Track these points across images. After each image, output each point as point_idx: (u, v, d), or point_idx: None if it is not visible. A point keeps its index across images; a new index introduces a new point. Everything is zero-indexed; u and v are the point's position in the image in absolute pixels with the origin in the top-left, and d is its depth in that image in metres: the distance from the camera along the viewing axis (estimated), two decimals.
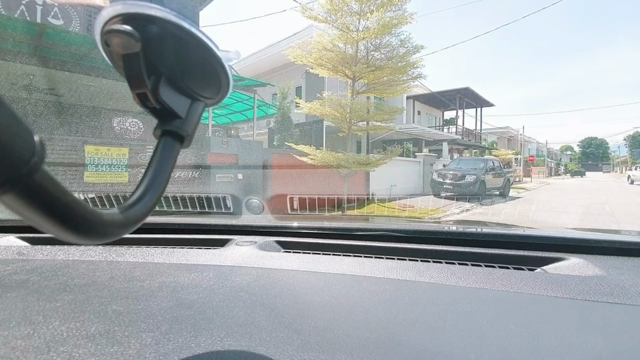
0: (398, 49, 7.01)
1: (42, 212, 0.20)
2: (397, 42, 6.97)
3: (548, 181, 26.59)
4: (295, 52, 7.09)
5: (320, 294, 0.55)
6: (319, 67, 7.24)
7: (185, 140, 0.31)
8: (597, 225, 6.34)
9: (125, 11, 0.26)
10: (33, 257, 0.74)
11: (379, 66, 7.00)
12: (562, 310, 0.50)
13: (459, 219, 7.12)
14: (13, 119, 0.17)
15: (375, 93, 7.73)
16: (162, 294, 0.53)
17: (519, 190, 14.75)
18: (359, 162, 7.00)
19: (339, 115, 7.18)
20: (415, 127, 15.55)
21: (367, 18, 6.79)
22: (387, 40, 7.00)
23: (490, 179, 11.27)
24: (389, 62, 7.03)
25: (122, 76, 0.28)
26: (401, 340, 0.40)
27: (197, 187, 5.64)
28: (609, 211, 8.44)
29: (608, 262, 0.73)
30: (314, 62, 7.09)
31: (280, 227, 1.03)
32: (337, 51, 7.01)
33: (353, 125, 7.42)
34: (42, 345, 0.37)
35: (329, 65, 7.25)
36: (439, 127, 21.44)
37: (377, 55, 7.19)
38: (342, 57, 7.03)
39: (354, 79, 7.25)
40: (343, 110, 7.12)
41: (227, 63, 0.31)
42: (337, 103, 6.96)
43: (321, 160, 6.91)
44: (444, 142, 18.45)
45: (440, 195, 10.75)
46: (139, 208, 0.26)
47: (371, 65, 7.00)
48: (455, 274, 0.66)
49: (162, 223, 1.03)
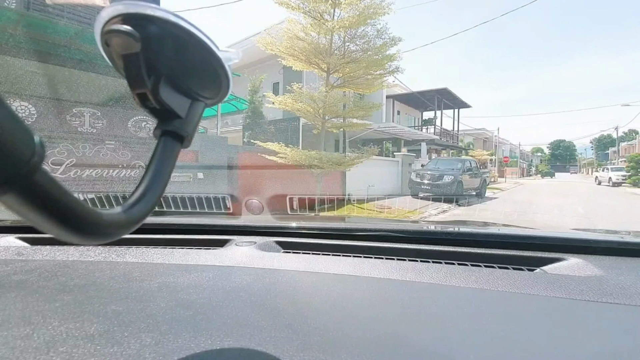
0: (375, 40, 6.58)
1: (42, 212, 0.20)
2: (374, 33, 6.55)
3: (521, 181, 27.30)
4: (265, 40, 6.53)
5: (320, 294, 0.56)
6: (292, 57, 6.71)
7: (185, 140, 0.30)
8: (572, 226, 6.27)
9: (125, 11, 0.25)
10: (32, 258, 0.73)
11: (354, 58, 6.55)
12: (561, 311, 0.51)
13: (438, 220, 6.84)
14: (13, 119, 0.17)
15: (351, 88, 7.29)
16: (161, 294, 0.52)
17: (494, 191, 14.88)
18: (333, 162, 6.54)
19: (311, 111, 6.68)
20: (394, 127, 15.39)
21: (342, 7, 6.33)
22: (362, 31, 6.56)
23: (467, 180, 11.30)
24: (365, 55, 6.59)
25: (122, 76, 0.27)
26: (401, 340, 0.41)
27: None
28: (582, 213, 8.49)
29: (607, 262, 0.73)
30: (285, 51, 6.55)
31: (279, 228, 1.02)
32: (310, 41, 6.50)
33: (327, 121, 6.94)
34: (42, 346, 0.37)
35: (302, 57, 6.74)
36: (418, 127, 21.53)
37: (353, 47, 6.74)
38: (315, 47, 6.53)
39: (329, 72, 6.77)
40: (316, 105, 6.63)
41: (227, 63, 0.31)
42: (309, 97, 6.45)
43: (292, 159, 6.40)
44: (422, 142, 18.52)
45: (418, 195, 10.68)
46: (139, 208, 0.26)
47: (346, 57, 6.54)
48: (454, 274, 0.66)
49: (162, 223, 1.02)
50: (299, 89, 6.50)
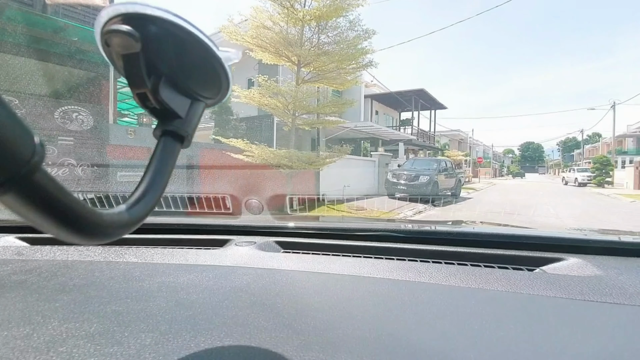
0: (347, 32, 6.21)
1: (42, 212, 0.20)
2: (346, 24, 6.18)
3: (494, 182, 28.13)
4: (229, 28, 6.00)
5: (320, 294, 0.56)
6: (259, 48, 6.23)
7: (185, 140, 0.30)
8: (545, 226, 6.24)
9: (125, 11, 0.25)
10: (32, 258, 0.73)
11: (326, 51, 6.16)
12: (561, 310, 0.51)
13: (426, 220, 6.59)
14: (13, 119, 0.17)
15: (324, 83, 6.89)
16: (161, 294, 0.53)
17: (469, 191, 15.04)
18: (304, 161, 6.13)
19: (280, 106, 6.22)
20: (371, 126, 15.25)
21: None
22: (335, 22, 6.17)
23: (443, 180, 11.33)
24: (337, 47, 6.21)
25: (122, 76, 0.28)
26: (400, 340, 0.41)
27: (87, 187, 4.32)
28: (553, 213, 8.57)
29: (606, 262, 0.73)
30: (252, 41, 6.05)
31: (279, 228, 1.02)
32: (278, 31, 6.04)
33: (297, 117, 6.51)
34: (42, 346, 0.37)
35: (271, 48, 6.27)
36: (396, 127, 21.59)
37: (325, 39, 6.34)
38: (284, 38, 6.08)
39: (299, 65, 6.34)
40: (285, 100, 6.18)
41: (227, 63, 0.31)
42: (276, 91, 5.99)
43: (259, 158, 5.93)
44: (400, 142, 18.59)
45: (394, 195, 10.59)
46: (139, 208, 0.26)
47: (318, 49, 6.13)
48: (454, 274, 0.66)
49: (161, 223, 1.01)
50: (265, 82, 6.02)
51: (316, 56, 6.06)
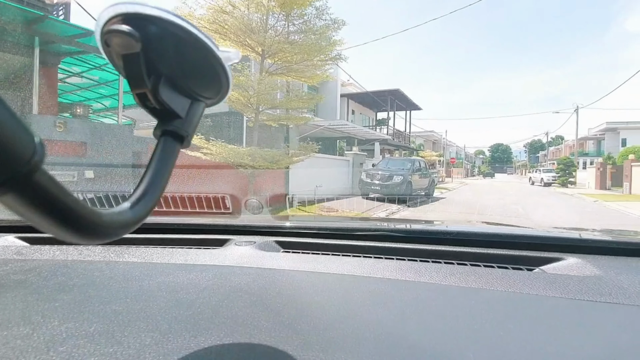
0: (314, 20, 5.77)
1: (42, 212, 0.20)
2: (313, 12, 5.73)
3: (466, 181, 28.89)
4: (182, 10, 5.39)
5: (320, 294, 0.56)
6: (218, 35, 5.65)
7: (185, 140, 0.31)
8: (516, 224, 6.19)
9: (125, 11, 0.26)
10: (32, 257, 0.73)
11: (291, 40, 5.69)
12: (560, 310, 0.51)
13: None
14: (13, 119, 0.17)
15: (291, 76, 6.42)
16: (161, 294, 0.53)
17: (442, 191, 15.13)
18: (267, 159, 5.63)
19: (242, 99, 5.69)
20: (345, 124, 14.96)
21: None
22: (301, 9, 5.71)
23: (417, 180, 11.27)
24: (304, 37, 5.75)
25: (122, 76, 0.28)
26: (400, 340, 0.41)
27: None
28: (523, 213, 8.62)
29: (606, 262, 0.73)
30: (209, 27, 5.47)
31: (279, 227, 1.03)
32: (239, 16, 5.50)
33: (262, 112, 6.00)
34: (42, 345, 0.37)
35: (232, 36, 5.72)
36: (372, 127, 21.51)
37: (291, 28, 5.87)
38: (246, 25, 5.55)
39: (263, 55, 5.83)
40: (247, 93, 5.65)
41: (226, 63, 0.31)
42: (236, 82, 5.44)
43: (218, 156, 5.37)
44: (376, 142, 18.48)
45: (368, 195, 10.34)
46: (139, 208, 0.26)
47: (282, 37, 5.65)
48: (454, 274, 0.66)
49: (161, 223, 1.01)
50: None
51: (281, 45, 5.56)
